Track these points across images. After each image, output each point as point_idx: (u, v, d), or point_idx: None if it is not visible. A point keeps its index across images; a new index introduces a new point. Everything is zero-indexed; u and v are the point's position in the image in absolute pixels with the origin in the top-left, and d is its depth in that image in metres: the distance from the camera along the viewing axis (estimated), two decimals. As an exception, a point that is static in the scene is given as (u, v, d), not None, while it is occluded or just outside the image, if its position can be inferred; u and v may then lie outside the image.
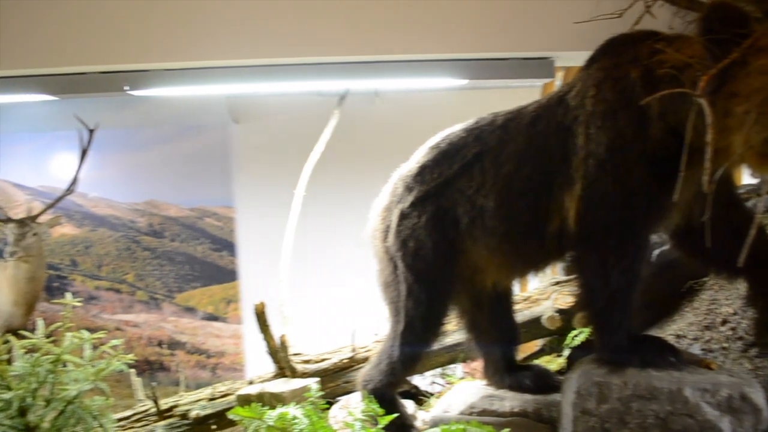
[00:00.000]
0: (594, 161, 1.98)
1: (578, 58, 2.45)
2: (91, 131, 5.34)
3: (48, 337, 2.00)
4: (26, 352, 1.97)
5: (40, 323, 1.99)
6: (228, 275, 6.37)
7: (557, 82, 3.14)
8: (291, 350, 2.75)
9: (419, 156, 2.36)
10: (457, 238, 2.23)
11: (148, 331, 6.58)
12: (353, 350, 2.88)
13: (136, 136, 6.44)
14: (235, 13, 2.36)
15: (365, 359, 2.81)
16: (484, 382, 2.66)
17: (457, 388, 2.67)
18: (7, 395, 1.73)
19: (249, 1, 2.37)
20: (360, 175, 5.04)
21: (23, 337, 1.97)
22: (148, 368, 6.44)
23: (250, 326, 6.07)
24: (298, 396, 2.43)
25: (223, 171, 6.10)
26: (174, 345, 6.58)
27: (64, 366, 1.89)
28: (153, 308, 6.62)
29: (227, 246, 6.33)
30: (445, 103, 4.46)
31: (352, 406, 2.43)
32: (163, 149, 6.43)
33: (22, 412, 1.79)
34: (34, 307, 5.78)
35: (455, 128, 2.33)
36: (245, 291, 6.22)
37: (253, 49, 2.40)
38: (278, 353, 2.72)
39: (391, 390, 2.44)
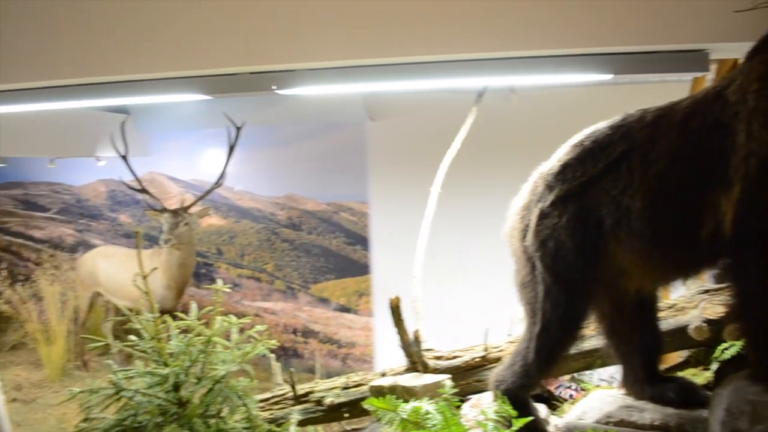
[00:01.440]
0: (756, 161, 1.84)
1: (736, 50, 2.27)
2: (238, 128, 5.65)
3: (199, 319, 2.14)
4: (180, 333, 2.11)
5: (193, 306, 2.13)
6: (361, 269, 6.54)
7: (709, 76, 2.93)
8: (423, 345, 2.77)
9: (561, 154, 2.29)
10: (599, 239, 2.14)
11: (284, 318, 6.88)
12: (486, 349, 2.85)
13: (278, 133, 6.75)
14: (374, 13, 2.39)
15: (498, 359, 2.77)
16: (623, 391, 2.54)
17: (594, 396, 2.57)
18: (165, 371, 1.88)
19: (387, 0, 2.39)
20: (496, 173, 4.99)
21: (178, 319, 2.12)
22: (282, 354, 6.74)
23: (380, 319, 6.23)
24: (430, 391, 2.44)
25: (358, 167, 6.27)
26: (308, 333, 6.84)
27: (214, 347, 2.01)
28: (289, 297, 6.92)
29: (361, 240, 6.50)
30: (586, 99, 4.31)
31: (484, 405, 2.41)
32: (303, 146, 6.69)
33: (176, 387, 1.93)
34: (184, 291, 6.22)
35: (600, 125, 2.24)
36: (377, 285, 6.35)
37: (391, 47, 2.42)
38: (411, 348, 2.75)
39: (525, 392, 2.40)
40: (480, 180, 5.06)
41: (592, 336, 2.67)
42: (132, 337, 2.09)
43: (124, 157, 5.69)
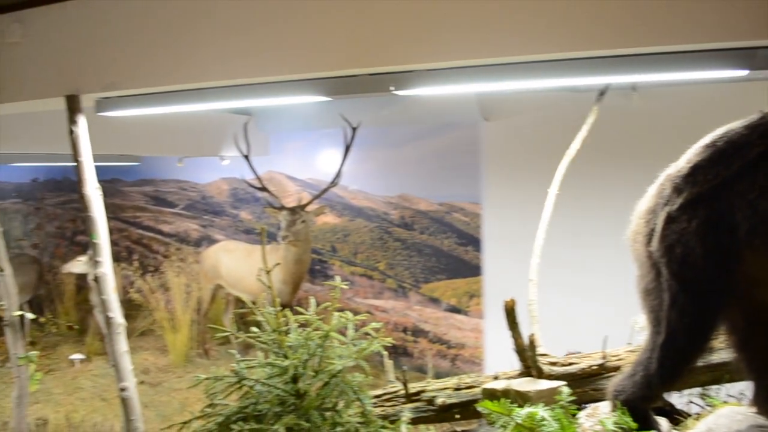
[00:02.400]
0: None
1: None
2: (354, 129, 5.76)
3: (317, 315, 2.20)
4: (299, 326, 2.18)
5: (312, 301, 2.20)
6: (472, 270, 6.49)
7: None
8: (538, 350, 2.71)
9: (691, 155, 2.16)
10: (733, 246, 2.01)
11: (395, 317, 6.95)
12: (604, 357, 2.75)
13: (392, 133, 6.83)
14: (491, 12, 2.35)
15: (616, 368, 2.66)
16: (753, 409, 2.37)
17: (721, 413, 2.42)
18: (285, 363, 1.95)
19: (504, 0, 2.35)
20: (617, 175, 4.81)
21: (297, 313, 2.19)
22: (392, 352, 6.81)
23: (491, 321, 6.17)
24: (545, 397, 2.38)
25: (472, 168, 6.23)
26: (417, 333, 6.88)
27: (331, 342, 2.06)
28: (400, 296, 6.98)
29: (473, 241, 6.46)
30: (712, 98, 4.07)
31: (602, 415, 2.32)
32: (417, 146, 6.73)
33: (295, 379, 1.99)
34: (300, 287, 6.42)
35: (734, 125, 2.10)
36: (488, 286, 6.28)
37: (509, 46, 2.38)
38: (525, 352, 2.69)
39: (645, 404, 2.29)
40: (599, 182, 4.89)
41: (720, 349, 2.52)
42: (253, 329, 2.18)
43: (246, 157, 5.94)
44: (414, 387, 2.90)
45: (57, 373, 7.40)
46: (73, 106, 2.95)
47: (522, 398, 2.37)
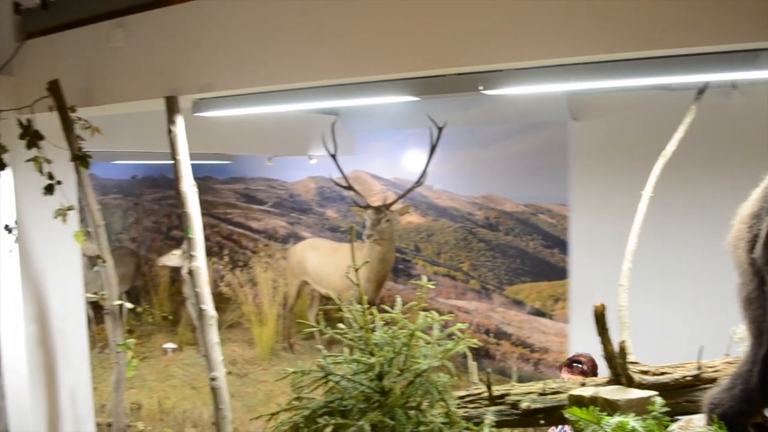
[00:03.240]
0: None
1: None
2: (440, 129, 5.75)
3: (403, 313, 2.21)
4: (384, 324, 2.20)
5: (398, 300, 2.21)
6: (557, 273, 6.35)
7: None
8: (629, 358, 2.62)
9: (800, 157, 2.05)
10: None
11: (477, 318, 6.89)
12: (699, 368, 2.63)
13: (478, 133, 6.76)
14: (582, 9, 2.29)
15: (713, 380, 2.55)
16: None
17: (829, 432, 2.27)
18: (371, 360, 1.97)
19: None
20: (715, 177, 4.60)
21: (383, 311, 2.21)
22: (474, 354, 6.73)
23: (576, 326, 6.01)
24: (635, 407, 2.30)
25: (559, 168, 6.09)
26: (500, 335, 6.79)
27: (417, 341, 2.07)
28: (483, 297, 6.92)
29: (559, 243, 6.32)
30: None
31: (696, 428, 2.23)
32: (503, 146, 6.65)
33: (380, 376, 2.01)
34: (383, 285, 6.48)
35: None
36: (574, 290, 6.13)
37: (597, 44, 2.31)
38: (615, 359, 2.62)
39: (744, 419, 2.18)
40: (695, 184, 4.68)
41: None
42: (340, 326, 2.21)
43: (333, 156, 6.04)
44: (498, 390, 2.87)
45: (151, 360, 7.78)
46: (171, 107, 3.09)
47: (611, 407, 2.30)
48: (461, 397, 2.85)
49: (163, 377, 7.35)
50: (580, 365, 3.89)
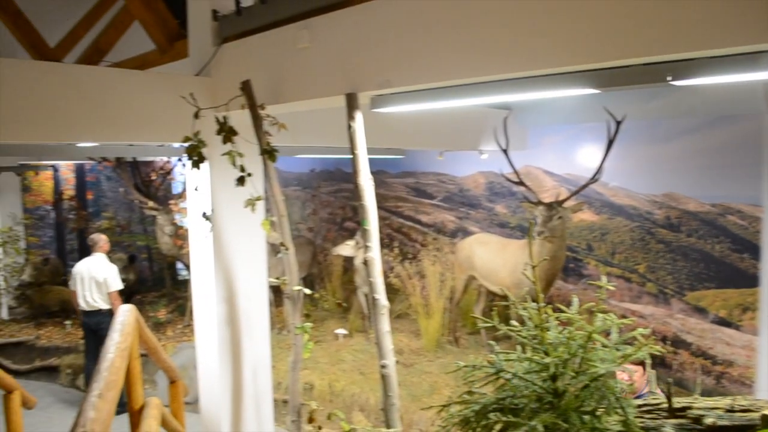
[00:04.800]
0: None
1: None
2: (618, 123, 5.47)
3: (578, 314, 2.14)
4: (559, 324, 2.14)
5: (574, 300, 2.15)
6: (747, 280, 5.83)
7: None
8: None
9: None
10: None
11: (653, 324, 6.50)
12: None
13: (659, 127, 6.37)
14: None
15: None
16: None
17: None
18: (546, 360, 1.93)
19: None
20: None
21: (558, 310, 2.15)
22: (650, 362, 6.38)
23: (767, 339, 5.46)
24: None
25: (753, 165, 5.55)
26: (678, 343, 6.36)
27: (593, 344, 1.99)
28: (661, 302, 6.51)
29: (750, 248, 5.79)
30: None
31: None
32: (688, 140, 6.21)
33: (554, 377, 1.96)
34: (552, 284, 6.30)
35: None
36: (766, 299, 5.58)
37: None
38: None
39: None
40: None
41: None
42: (513, 323, 2.19)
43: (505, 151, 5.97)
44: (679, 402, 2.69)
45: (323, 344, 8.18)
46: (351, 104, 3.21)
47: (814, 431, 2.07)
48: (638, 406, 2.71)
49: (334, 361, 7.69)
50: None
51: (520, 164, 6.93)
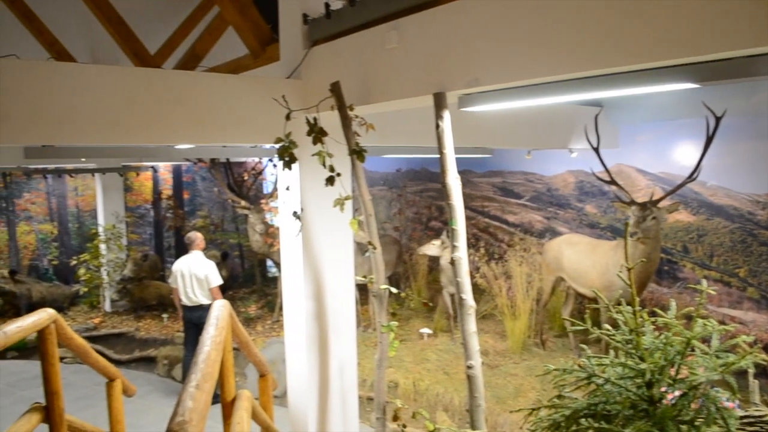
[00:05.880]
0: None
1: None
2: (718, 119, 5.21)
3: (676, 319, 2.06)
4: (655, 329, 2.07)
5: (672, 304, 2.06)
6: None
7: None
8: None
9: None
10: None
11: (754, 331, 6.16)
12: None
13: (761, 123, 6.02)
14: None
15: None
16: None
17: None
18: (641, 366, 1.86)
19: None
20: None
21: (654, 314, 2.08)
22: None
23: None
24: None
25: None
26: (785, 352, 5.99)
27: (692, 351, 1.91)
28: (764, 308, 6.16)
29: None
30: None
31: None
32: (794, 137, 5.84)
33: (649, 384, 1.90)
34: (645, 287, 6.07)
35: None
36: None
37: None
38: None
39: None
40: None
41: None
42: (606, 326, 2.13)
43: (596, 149, 5.81)
44: (788, 414, 2.55)
45: (408, 343, 8.20)
46: (439, 103, 3.21)
47: None
48: (740, 418, 2.58)
49: (419, 360, 7.71)
50: None
51: (612, 163, 6.72)
